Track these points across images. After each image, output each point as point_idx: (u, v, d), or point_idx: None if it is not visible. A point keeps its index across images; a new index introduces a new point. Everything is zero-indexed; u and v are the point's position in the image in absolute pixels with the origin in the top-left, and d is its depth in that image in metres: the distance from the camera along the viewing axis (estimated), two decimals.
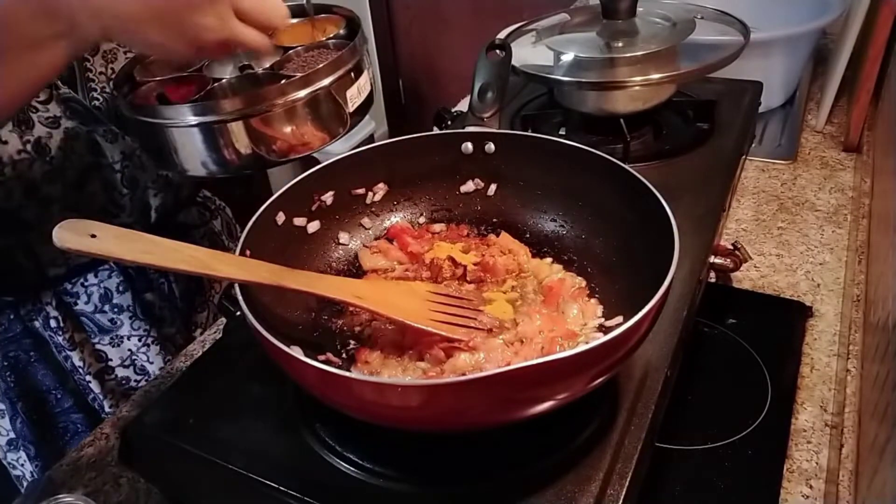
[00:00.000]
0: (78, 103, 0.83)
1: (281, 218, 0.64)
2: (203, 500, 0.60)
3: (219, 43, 0.59)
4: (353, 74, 0.74)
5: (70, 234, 0.47)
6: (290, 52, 0.78)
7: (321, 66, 0.72)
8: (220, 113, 0.67)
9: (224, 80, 0.74)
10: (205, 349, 0.84)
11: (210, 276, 0.51)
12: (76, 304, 0.91)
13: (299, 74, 0.71)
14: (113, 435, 0.78)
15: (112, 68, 0.89)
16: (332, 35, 0.80)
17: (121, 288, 0.92)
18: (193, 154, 0.71)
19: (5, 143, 0.78)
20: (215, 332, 0.93)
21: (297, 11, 0.84)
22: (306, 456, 0.53)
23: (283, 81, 0.70)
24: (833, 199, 1.10)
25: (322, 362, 0.48)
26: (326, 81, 0.71)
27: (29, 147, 0.79)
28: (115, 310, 0.93)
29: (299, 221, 0.66)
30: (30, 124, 0.80)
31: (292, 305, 0.61)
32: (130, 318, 0.94)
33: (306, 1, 0.83)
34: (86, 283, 0.91)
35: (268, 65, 0.76)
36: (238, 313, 0.52)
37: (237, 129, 0.69)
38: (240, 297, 0.51)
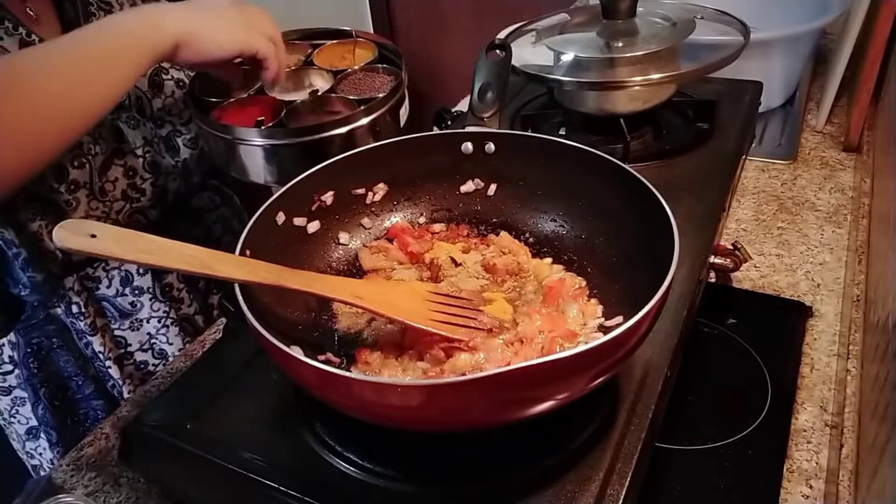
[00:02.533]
0: None
1: (281, 218, 0.64)
2: (203, 500, 0.60)
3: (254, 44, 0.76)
4: (405, 94, 0.86)
5: (70, 234, 0.47)
6: (344, 74, 0.89)
7: (385, 89, 0.84)
8: (286, 137, 0.79)
9: (297, 102, 0.84)
10: (205, 349, 0.84)
11: (210, 276, 0.51)
12: (98, 288, 0.93)
13: (375, 96, 0.82)
14: (113, 435, 0.78)
15: None
16: (369, 60, 0.92)
17: (141, 270, 0.94)
18: (258, 166, 0.82)
19: None
20: (215, 332, 0.93)
21: (313, 35, 0.97)
22: (306, 456, 0.53)
23: (361, 107, 0.81)
24: (833, 199, 1.10)
25: (322, 362, 0.48)
26: (390, 103, 0.83)
27: None
28: (136, 292, 0.95)
29: (299, 221, 0.66)
30: None
31: (292, 305, 0.61)
32: (150, 299, 0.96)
33: (353, 32, 0.96)
34: (107, 268, 0.93)
35: (327, 87, 0.87)
36: (238, 313, 0.52)
37: (302, 151, 0.79)
38: (240, 297, 0.51)
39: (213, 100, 0.86)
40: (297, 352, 0.48)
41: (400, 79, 0.86)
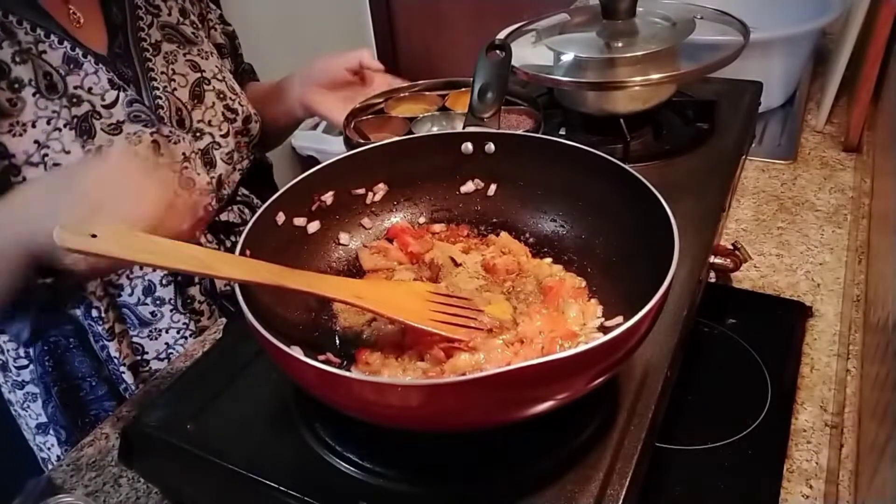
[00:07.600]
0: (141, 104, 0.87)
1: (281, 218, 0.64)
2: (203, 500, 0.60)
3: None
4: None
5: (71, 234, 0.47)
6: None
7: (524, 127, 0.87)
8: None
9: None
10: (205, 349, 0.84)
11: (210, 276, 0.51)
12: (120, 295, 0.93)
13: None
14: (113, 435, 0.78)
15: (172, 69, 0.92)
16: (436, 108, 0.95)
17: (164, 281, 0.94)
18: None
19: (68, 152, 0.81)
20: (215, 333, 0.93)
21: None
22: (306, 456, 0.53)
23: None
24: (833, 199, 1.10)
25: (322, 362, 0.48)
26: None
27: (90, 156, 0.81)
28: (157, 302, 0.95)
29: (299, 221, 0.66)
30: (91, 133, 0.84)
31: (292, 305, 0.61)
32: (171, 310, 0.96)
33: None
34: (131, 275, 0.92)
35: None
36: (238, 313, 0.52)
37: None
38: (240, 297, 0.51)
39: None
40: (297, 352, 0.48)
41: (538, 119, 0.87)
